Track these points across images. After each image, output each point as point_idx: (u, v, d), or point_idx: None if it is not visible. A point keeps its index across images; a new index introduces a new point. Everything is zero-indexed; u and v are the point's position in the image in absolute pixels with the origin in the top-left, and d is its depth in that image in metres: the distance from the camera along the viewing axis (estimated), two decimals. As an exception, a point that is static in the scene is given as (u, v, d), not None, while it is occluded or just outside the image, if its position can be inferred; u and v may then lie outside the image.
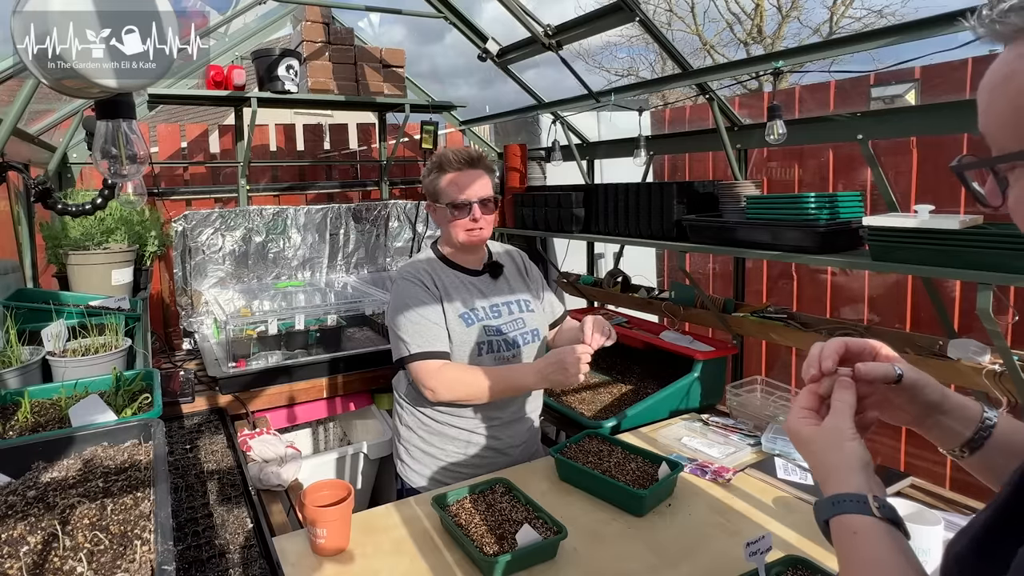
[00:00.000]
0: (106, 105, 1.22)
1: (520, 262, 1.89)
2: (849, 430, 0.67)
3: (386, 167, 3.66)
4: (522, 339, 1.74)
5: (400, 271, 1.75)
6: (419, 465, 1.75)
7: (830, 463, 0.67)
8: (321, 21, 3.07)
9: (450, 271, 1.74)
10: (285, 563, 1.27)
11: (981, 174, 0.52)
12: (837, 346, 0.74)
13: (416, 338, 1.62)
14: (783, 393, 2.02)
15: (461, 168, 1.66)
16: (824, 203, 1.85)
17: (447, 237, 1.74)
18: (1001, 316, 1.85)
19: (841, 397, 0.70)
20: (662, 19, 12.24)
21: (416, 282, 1.68)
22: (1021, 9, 0.45)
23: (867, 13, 11.03)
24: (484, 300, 1.73)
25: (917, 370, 0.74)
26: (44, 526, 0.91)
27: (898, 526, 0.61)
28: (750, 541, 1.13)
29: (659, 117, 4.91)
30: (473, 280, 1.75)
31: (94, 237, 2.38)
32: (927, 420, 0.75)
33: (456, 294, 1.70)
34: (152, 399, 1.42)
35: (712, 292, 4.12)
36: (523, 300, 1.79)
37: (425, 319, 1.64)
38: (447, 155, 1.68)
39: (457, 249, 1.75)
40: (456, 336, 1.66)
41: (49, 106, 2.69)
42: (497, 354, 1.70)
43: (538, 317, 1.80)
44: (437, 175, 1.69)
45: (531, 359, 1.77)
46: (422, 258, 1.78)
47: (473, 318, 1.68)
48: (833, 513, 0.63)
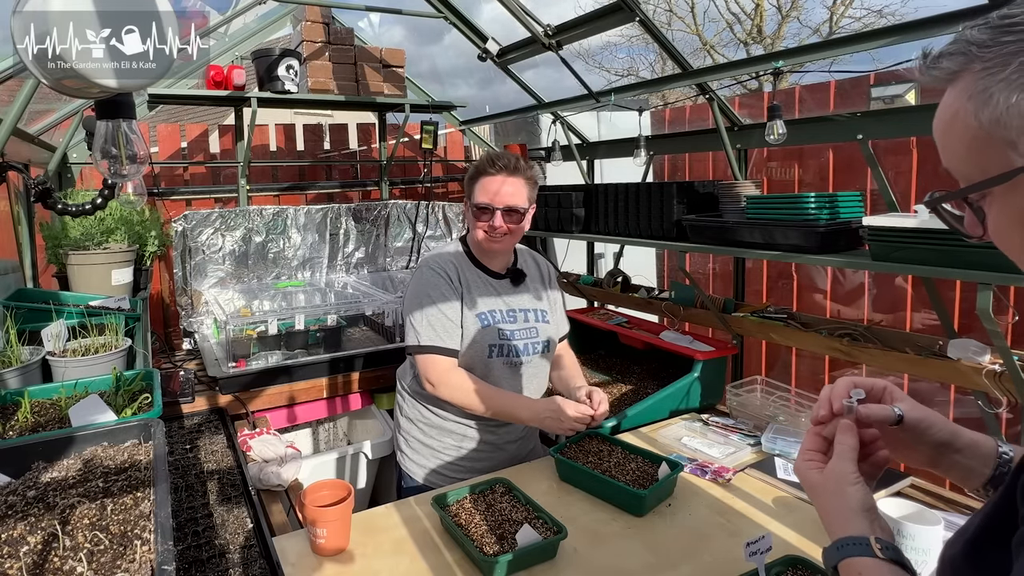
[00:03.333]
0: (106, 105, 1.22)
1: (546, 273, 1.90)
2: (851, 474, 0.68)
3: (386, 167, 3.66)
4: (532, 348, 1.76)
5: (427, 259, 1.76)
6: (418, 456, 1.77)
7: (833, 508, 0.68)
8: (321, 21, 3.06)
9: (475, 269, 1.75)
10: (285, 563, 1.27)
11: (959, 206, 0.54)
12: (846, 386, 0.75)
13: (429, 331, 1.64)
14: (783, 393, 2.02)
15: (497, 173, 1.66)
16: (824, 203, 1.85)
17: (473, 236, 1.75)
18: (1001, 316, 1.85)
19: (843, 440, 0.71)
20: (662, 19, 12.24)
21: (441, 273, 1.69)
22: (951, 55, 0.49)
23: (867, 13, 11.04)
24: (502, 304, 1.74)
25: (924, 409, 0.74)
26: (44, 526, 0.91)
27: (903, 567, 0.61)
28: (750, 541, 1.13)
29: (659, 117, 4.90)
30: (494, 283, 1.76)
31: (94, 237, 2.38)
32: (942, 460, 0.75)
33: (477, 292, 1.71)
34: (152, 399, 1.42)
35: (712, 292, 4.12)
36: (540, 310, 1.80)
37: (442, 313, 1.65)
38: (490, 156, 1.69)
39: (479, 250, 1.76)
40: (469, 334, 1.67)
41: (49, 106, 2.69)
42: (507, 358, 1.72)
43: (551, 329, 1.82)
44: (476, 173, 1.70)
45: (539, 369, 1.81)
46: (450, 250, 1.78)
47: (489, 319, 1.70)
48: (840, 558, 0.63)
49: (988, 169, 0.48)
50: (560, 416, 1.58)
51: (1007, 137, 0.46)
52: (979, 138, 0.48)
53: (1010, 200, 0.48)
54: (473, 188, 1.69)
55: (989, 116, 0.47)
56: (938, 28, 1.56)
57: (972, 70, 0.47)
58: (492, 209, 1.65)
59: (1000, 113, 0.46)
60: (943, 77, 0.50)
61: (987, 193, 0.50)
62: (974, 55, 0.47)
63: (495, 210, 1.65)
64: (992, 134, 0.47)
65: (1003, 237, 0.52)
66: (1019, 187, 0.47)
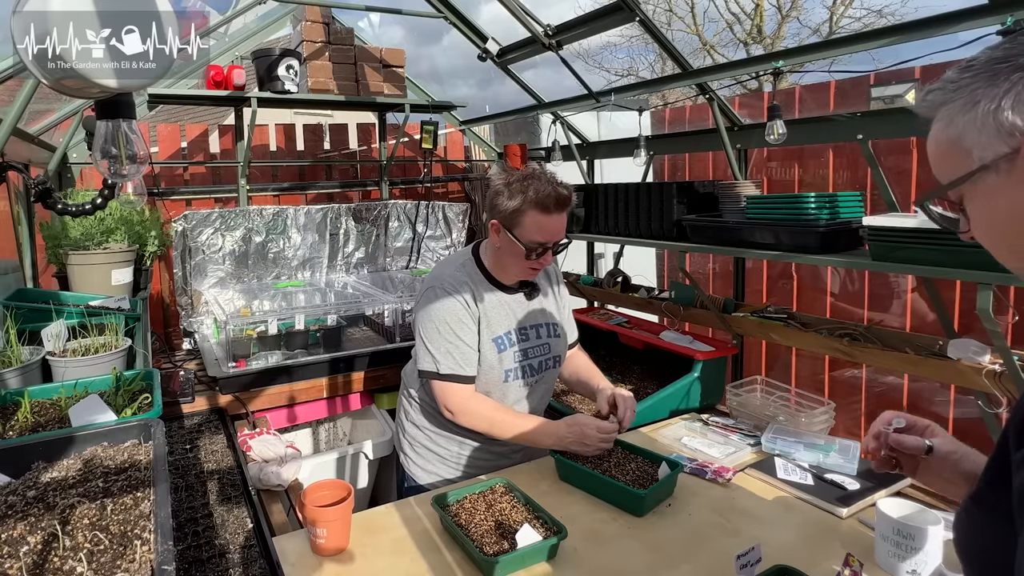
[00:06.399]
0: (106, 105, 1.22)
1: (552, 273, 1.84)
2: None
3: (386, 167, 3.65)
4: (545, 365, 1.75)
5: (441, 278, 1.65)
6: (423, 461, 1.76)
7: None
8: (321, 21, 3.06)
9: (488, 284, 1.68)
10: (285, 563, 1.27)
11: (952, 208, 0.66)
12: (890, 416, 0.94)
13: (448, 359, 1.59)
14: (783, 393, 2.02)
15: (552, 212, 1.54)
16: (824, 203, 1.85)
17: (501, 261, 1.66)
18: (1001, 316, 1.85)
19: None
20: (662, 19, 12.22)
21: (459, 299, 1.61)
22: (939, 90, 0.62)
23: (867, 13, 11.02)
24: (516, 322, 1.70)
25: (957, 443, 0.88)
26: (44, 526, 0.91)
27: None
28: (740, 554, 1.13)
29: (659, 117, 4.90)
30: (508, 300, 1.70)
31: (94, 237, 2.38)
32: None
33: (492, 313, 1.66)
34: (152, 399, 1.42)
35: (712, 292, 4.12)
36: (551, 324, 1.77)
37: (461, 340, 1.60)
38: (546, 192, 1.53)
39: (498, 268, 1.69)
40: (486, 361, 1.64)
41: (49, 106, 2.69)
42: (522, 380, 1.71)
43: (562, 343, 1.80)
44: (523, 205, 1.54)
45: (550, 381, 1.81)
46: (462, 264, 1.69)
47: (505, 343, 1.66)
48: None
49: (956, 173, 0.62)
50: (584, 440, 1.56)
51: (966, 148, 0.60)
52: (949, 150, 0.62)
53: (983, 201, 0.61)
54: (522, 220, 1.54)
55: (954, 133, 0.61)
56: (938, 28, 1.56)
57: (945, 101, 0.62)
58: (547, 248, 1.58)
59: (959, 130, 0.60)
60: (929, 108, 0.64)
61: (963, 194, 0.62)
62: (947, 89, 0.61)
63: (548, 248, 1.59)
64: (956, 146, 0.61)
65: (981, 233, 0.63)
66: (983, 189, 0.60)
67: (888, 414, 0.94)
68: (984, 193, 0.60)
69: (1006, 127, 0.56)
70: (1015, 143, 0.56)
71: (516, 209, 1.54)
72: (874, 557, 1.24)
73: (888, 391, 3.22)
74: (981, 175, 0.59)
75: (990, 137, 0.57)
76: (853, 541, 1.32)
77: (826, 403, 1.91)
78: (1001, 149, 0.56)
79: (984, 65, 0.58)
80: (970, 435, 3.03)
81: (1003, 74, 0.56)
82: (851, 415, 3.32)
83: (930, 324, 2.97)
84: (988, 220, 0.62)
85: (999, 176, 0.58)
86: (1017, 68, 0.55)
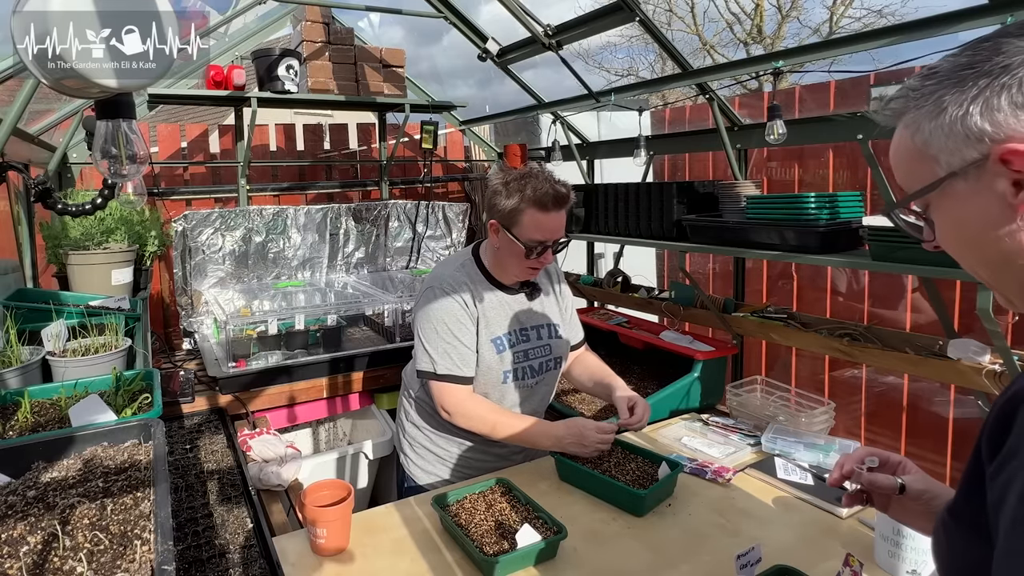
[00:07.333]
0: (106, 105, 1.22)
1: (553, 272, 1.83)
2: None
3: (386, 167, 3.66)
4: (545, 366, 1.74)
5: (441, 278, 1.65)
6: (424, 462, 1.76)
7: None
8: (321, 21, 3.06)
9: (488, 284, 1.67)
10: (285, 563, 1.27)
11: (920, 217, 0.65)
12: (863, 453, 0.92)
13: (446, 359, 1.59)
14: (783, 393, 2.02)
15: (550, 210, 1.54)
16: (824, 203, 1.85)
17: (501, 261, 1.65)
18: (1001, 316, 1.85)
19: None
20: (662, 19, 12.22)
21: (456, 299, 1.61)
22: (899, 98, 0.62)
23: (867, 13, 11.01)
24: (516, 323, 1.69)
25: (931, 482, 0.87)
26: (44, 526, 0.91)
27: None
28: (740, 553, 1.13)
29: (659, 117, 4.91)
30: (509, 300, 1.69)
31: (94, 237, 2.38)
32: None
33: (492, 314, 1.65)
34: (152, 399, 1.42)
35: (712, 292, 4.12)
36: (552, 325, 1.76)
37: (459, 340, 1.60)
38: (544, 190, 1.52)
39: (498, 268, 1.68)
40: (484, 360, 1.64)
41: (49, 106, 2.69)
42: (520, 382, 1.70)
43: (563, 345, 1.79)
44: (521, 203, 1.53)
45: (551, 383, 1.79)
46: (462, 265, 1.68)
47: (504, 344, 1.65)
48: None
49: (924, 181, 0.61)
50: (583, 441, 1.56)
51: (933, 155, 0.59)
52: (915, 158, 0.61)
53: (946, 209, 0.61)
54: (520, 219, 1.54)
55: (920, 140, 0.60)
56: (938, 28, 1.56)
57: (909, 108, 0.61)
58: (546, 246, 1.58)
59: (926, 137, 0.59)
60: (892, 116, 0.64)
61: (929, 203, 0.62)
62: (910, 97, 0.61)
63: (548, 246, 1.58)
64: (923, 153, 0.60)
65: (949, 243, 0.62)
66: (951, 197, 0.59)
67: (862, 451, 0.93)
68: (953, 201, 0.59)
69: (975, 133, 0.55)
70: (984, 149, 0.55)
71: (514, 208, 1.54)
72: (874, 557, 1.24)
73: (888, 391, 3.22)
74: (950, 182, 0.58)
75: (958, 143, 0.56)
76: (853, 541, 1.32)
77: (826, 403, 1.91)
78: (970, 155, 0.56)
79: (948, 72, 0.57)
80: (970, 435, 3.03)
81: (969, 80, 0.55)
82: (851, 415, 3.32)
83: (930, 324, 2.97)
84: (957, 229, 0.61)
85: (967, 183, 0.57)
86: (983, 74, 0.54)
